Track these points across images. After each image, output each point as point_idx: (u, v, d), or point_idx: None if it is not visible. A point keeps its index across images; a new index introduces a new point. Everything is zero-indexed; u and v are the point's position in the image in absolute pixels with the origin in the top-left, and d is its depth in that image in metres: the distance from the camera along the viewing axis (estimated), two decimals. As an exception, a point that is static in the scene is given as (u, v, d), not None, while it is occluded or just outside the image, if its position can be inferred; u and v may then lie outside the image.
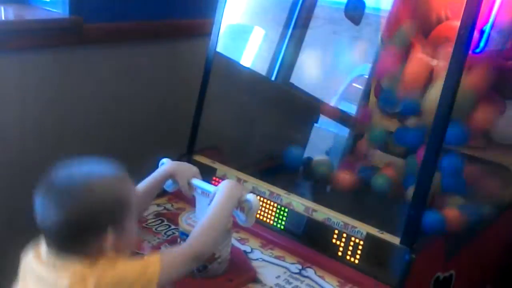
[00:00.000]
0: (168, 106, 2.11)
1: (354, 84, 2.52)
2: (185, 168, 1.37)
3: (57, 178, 1.02)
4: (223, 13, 1.72)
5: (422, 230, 1.32)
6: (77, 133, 1.89)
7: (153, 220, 1.56)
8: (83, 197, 0.99)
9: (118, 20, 1.90)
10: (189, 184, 1.35)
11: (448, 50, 1.34)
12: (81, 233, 0.99)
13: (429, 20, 1.90)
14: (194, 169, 1.38)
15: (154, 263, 1.04)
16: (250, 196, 1.26)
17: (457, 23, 1.26)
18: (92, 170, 1.04)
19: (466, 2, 1.22)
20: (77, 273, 0.98)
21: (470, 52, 1.73)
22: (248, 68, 2.25)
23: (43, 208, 1.00)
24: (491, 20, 1.76)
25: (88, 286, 0.97)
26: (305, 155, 1.98)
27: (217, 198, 1.22)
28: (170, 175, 1.36)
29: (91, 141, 1.92)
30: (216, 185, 1.29)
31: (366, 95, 2.15)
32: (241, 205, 1.25)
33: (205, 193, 1.31)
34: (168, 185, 1.38)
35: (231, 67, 2.04)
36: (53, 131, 1.83)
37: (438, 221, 1.51)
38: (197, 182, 1.34)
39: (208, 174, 1.58)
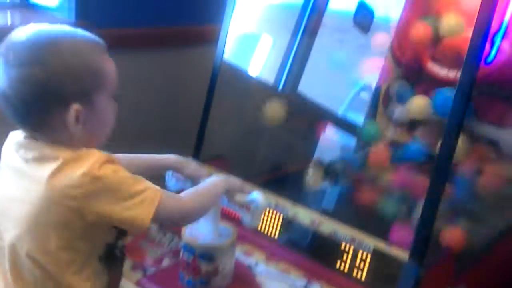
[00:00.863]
0: (174, 114, 2.09)
1: (362, 94, 2.50)
2: (194, 166, 1.31)
3: (19, 35, 0.92)
4: (230, 20, 1.70)
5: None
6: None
7: (156, 231, 1.54)
8: (47, 56, 0.90)
9: (125, 26, 1.88)
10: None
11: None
12: (42, 99, 0.90)
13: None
14: (203, 171, 1.33)
15: (154, 192, 0.98)
16: (256, 195, 1.23)
17: (469, 32, 1.23)
18: (65, 31, 0.95)
19: (479, 12, 1.20)
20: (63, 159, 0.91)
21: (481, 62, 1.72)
22: (255, 76, 2.23)
23: (1, 68, 0.90)
24: (502, 30, 1.73)
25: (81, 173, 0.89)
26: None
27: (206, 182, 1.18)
28: (174, 168, 1.29)
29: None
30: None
31: (374, 104, 2.12)
32: (247, 204, 1.22)
33: None
34: (172, 184, 1.35)
35: (238, 75, 2.02)
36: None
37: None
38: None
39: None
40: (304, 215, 1.45)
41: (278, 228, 1.49)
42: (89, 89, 0.94)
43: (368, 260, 1.32)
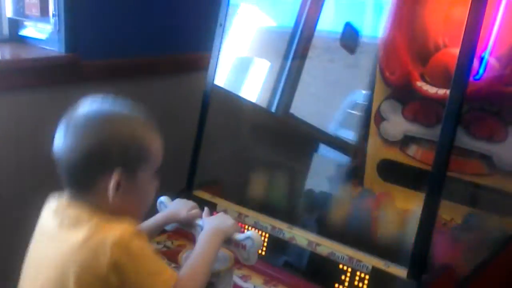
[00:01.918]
0: (167, 141, 2.08)
1: (351, 111, 2.52)
2: (182, 207, 1.33)
3: (79, 111, 1.02)
4: (220, 46, 1.72)
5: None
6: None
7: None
8: (99, 129, 0.98)
9: (115, 57, 1.90)
10: (192, 224, 1.31)
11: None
12: (89, 166, 0.97)
13: (426, 48, 1.89)
14: (190, 205, 1.34)
15: (172, 274, 1.00)
16: (251, 233, 1.23)
17: (456, 50, 1.25)
18: (118, 108, 1.04)
19: (465, 29, 1.22)
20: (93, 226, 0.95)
21: (470, 78, 1.75)
22: (248, 100, 2.24)
23: (61, 137, 1.00)
24: (489, 46, 1.75)
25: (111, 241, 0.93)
26: (307, 184, 1.96)
27: (201, 234, 1.19)
28: (173, 220, 1.32)
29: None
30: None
31: (365, 123, 2.14)
32: (242, 243, 1.22)
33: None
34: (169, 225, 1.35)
35: (230, 100, 2.04)
36: (49, 171, 1.80)
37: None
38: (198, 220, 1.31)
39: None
40: (301, 237, 1.45)
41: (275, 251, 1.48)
42: (133, 160, 1.01)
43: (366, 280, 1.32)
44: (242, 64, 2.24)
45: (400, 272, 1.29)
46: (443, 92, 1.77)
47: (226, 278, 1.27)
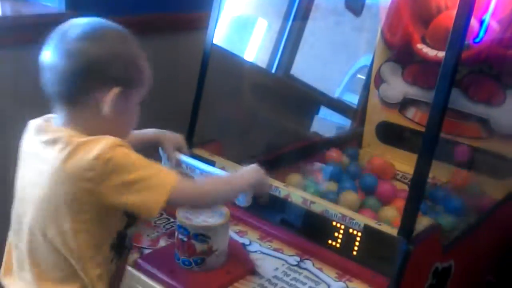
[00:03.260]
0: (166, 100, 2.10)
1: (358, 75, 2.52)
2: (171, 136, 1.33)
3: (74, 25, 0.99)
4: (220, 5, 1.71)
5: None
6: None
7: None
8: (100, 42, 0.96)
9: (114, 15, 1.87)
10: (177, 159, 1.31)
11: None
12: (86, 75, 0.95)
13: (429, 10, 1.88)
14: (179, 137, 1.34)
15: (170, 176, 0.98)
16: None
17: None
18: (113, 26, 1.02)
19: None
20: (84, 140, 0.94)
21: (470, 42, 1.74)
22: (248, 60, 2.24)
23: (55, 48, 0.97)
24: (490, 9, 1.74)
25: (95, 154, 0.91)
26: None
27: (237, 172, 1.19)
28: (156, 142, 1.31)
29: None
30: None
31: (367, 86, 2.14)
32: None
33: (204, 174, 1.31)
34: (166, 161, 1.37)
35: (230, 60, 2.04)
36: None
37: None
38: (197, 163, 1.33)
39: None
40: (296, 195, 1.48)
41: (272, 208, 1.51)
42: (131, 80, 1.00)
43: (359, 237, 1.35)
44: (242, 23, 2.23)
45: (391, 230, 1.32)
46: (442, 55, 1.76)
47: (222, 232, 1.31)
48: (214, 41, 1.72)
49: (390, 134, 2.06)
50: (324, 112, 2.30)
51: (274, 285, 1.29)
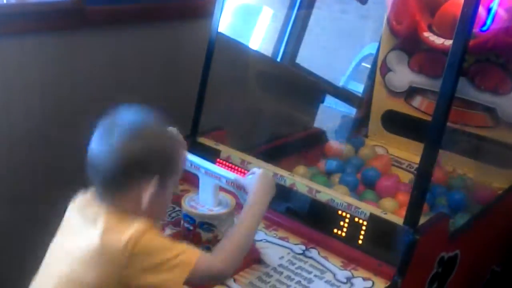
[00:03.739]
0: (171, 88, 2.10)
1: (363, 64, 2.51)
2: None
3: (120, 117, 1.05)
4: (226, -7, 1.70)
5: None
6: (79, 115, 1.89)
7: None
8: (143, 136, 1.02)
9: (120, 3, 1.89)
10: None
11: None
12: (130, 170, 1.01)
13: (435, -2, 1.87)
14: None
15: (193, 253, 1.03)
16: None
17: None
18: (154, 119, 1.07)
19: (470, -21, 1.20)
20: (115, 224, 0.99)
21: (477, 30, 1.73)
22: (253, 49, 2.23)
23: (100, 139, 1.03)
24: (498, -3, 1.73)
25: (126, 238, 0.97)
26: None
27: (252, 203, 1.19)
28: None
29: (94, 123, 1.92)
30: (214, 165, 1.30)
31: (372, 74, 2.13)
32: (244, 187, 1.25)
33: (209, 173, 1.32)
34: None
35: (235, 48, 2.03)
36: (55, 114, 1.83)
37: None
38: (203, 162, 1.34)
39: (212, 156, 1.58)
40: (302, 184, 1.47)
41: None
42: (168, 170, 1.06)
43: (364, 226, 1.35)
44: (247, 11, 2.22)
45: (397, 219, 1.32)
46: (449, 43, 1.75)
47: (227, 221, 1.31)
48: (219, 30, 1.72)
49: (396, 123, 2.05)
50: (330, 101, 2.29)
51: (279, 273, 1.29)
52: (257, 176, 1.24)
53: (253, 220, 1.17)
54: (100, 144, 1.03)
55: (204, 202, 1.33)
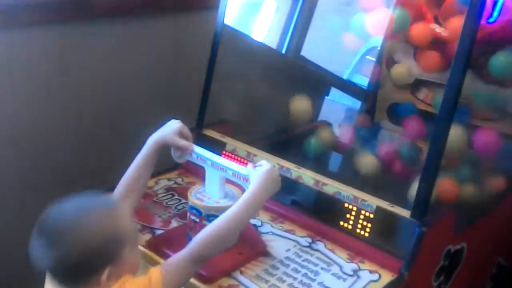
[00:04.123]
0: (177, 80, 2.10)
1: (367, 57, 2.49)
2: (169, 133, 1.34)
3: (47, 221, 1.01)
4: (231, -15, 1.69)
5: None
6: (85, 106, 1.90)
7: (164, 194, 1.57)
8: (71, 242, 0.98)
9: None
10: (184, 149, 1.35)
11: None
12: (77, 274, 1.00)
13: (442, -11, 1.86)
14: (175, 125, 1.35)
15: (156, 274, 1.05)
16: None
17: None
18: (81, 211, 1.02)
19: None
20: None
21: (483, 21, 1.72)
22: (258, 41, 2.22)
23: (38, 251, 0.99)
24: (505, -12, 1.71)
25: None
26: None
27: (247, 194, 1.19)
28: (161, 148, 1.33)
29: (99, 116, 1.92)
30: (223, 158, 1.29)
31: (378, 67, 2.12)
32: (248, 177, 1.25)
33: (215, 165, 1.32)
34: (177, 156, 1.38)
35: (240, 40, 2.02)
36: (61, 105, 1.83)
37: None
38: (209, 154, 1.34)
39: (217, 149, 1.57)
40: (308, 177, 1.47)
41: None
42: (114, 252, 1.02)
43: (371, 218, 1.35)
44: (252, 3, 2.21)
45: (404, 212, 1.32)
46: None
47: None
48: (225, 21, 1.71)
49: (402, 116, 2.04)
50: (335, 93, 2.28)
51: (286, 266, 1.29)
52: (261, 170, 1.23)
53: (243, 212, 1.17)
54: (37, 254, 0.99)
55: (210, 194, 1.33)
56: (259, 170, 1.24)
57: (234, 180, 1.29)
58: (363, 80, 2.34)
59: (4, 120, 1.72)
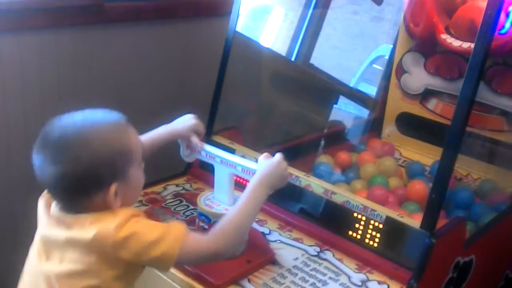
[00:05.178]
0: (187, 86, 2.10)
1: (374, 65, 2.50)
2: (184, 127, 1.35)
3: (51, 132, 0.99)
4: (243, -8, 1.69)
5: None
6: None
7: (172, 200, 1.57)
8: (78, 152, 0.96)
9: (138, 0, 1.89)
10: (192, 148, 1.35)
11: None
12: (82, 188, 0.97)
13: (453, 0, 1.85)
14: (191, 121, 1.36)
15: (178, 230, 1.01)
16: None
17: (482, 3, 1.23)
18: (87, 121, 1.00)
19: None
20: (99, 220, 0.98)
21: (496, 33, 1.71)
22: (268, 48, 2.23)
23: (40, 164, 0.97)
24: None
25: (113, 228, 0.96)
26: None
27: (252, 183, 1.17)
28: (172, 140, 1.33)
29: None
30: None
31: (387, 76, 2.12)
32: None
33: (224, 161, 1.31)
34: (186, 154, 1.38)
35: (251, 47, 2.02)
36: (72, 108, 1.83)
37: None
38: (217, 151, 1.33)
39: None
40: (317, 185, 1.47)
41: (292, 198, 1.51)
42: (122, 168, 1.00)
43: (380, 229, 1.34)
44: (263, 11, 2.22)
45: (414, 222, 1.31)
46: (467, 45, 1.74)
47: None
48: (237, 28, 1.71)
49: (411, 125, 2.04)
50: (343, 102, 2.28)
51: (294, 275, 1.29)
52: (270, 161, 1.22)
53: (250, 202, 1.15)
54: (41, 168, 0.98)
55: (219, 200, 1.32)
56: (268, 160, 1.22)
57: (244, 176, 1.28)
58: (368, 89, 2.35)
59: (16, 122, 1.72)
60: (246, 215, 1.14)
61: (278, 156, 1.24)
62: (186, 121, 1.36)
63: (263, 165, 1.22)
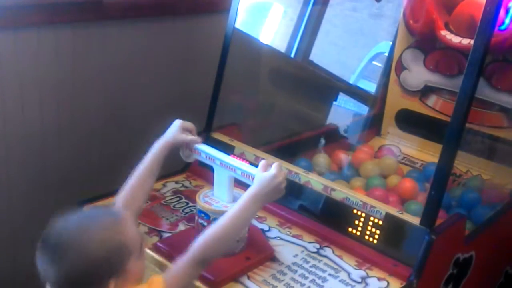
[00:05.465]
0: (186, 83, 2.10)
1: (374, 62, 2.49)
2: (174, 134, 1.34)
3: (48, 237, 1.00)
4: (242, -11, 1.69)
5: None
6: (95, 107, 1.89)
7: (171, 197, 1.56)
8: (73, 258, 0.97)
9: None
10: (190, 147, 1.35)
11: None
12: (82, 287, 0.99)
13: (452, -4, 1.85)
14: (177, 124, 1.35)
15: (157, 283, 1.05)
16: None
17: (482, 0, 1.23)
18: (81, 225, 1.02)
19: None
20: None
21: (495, 29, 1.71)
22: (267, 45, 2.22)
23: (41, 265, 0.99)
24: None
25: None
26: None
27: (245, 198, 1.18)
28: (168, 149, 1.32)
29: (108, 118, 1.92)
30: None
31: (386, 73, 2.12)
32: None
33: (224, 164, 1.31)
34: (186, 156, 1.38)
35: (250, 44, 2.02)
36: (70, 106, 1.83)
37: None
38: (216, 153, 1.33)
39: (226, 152, 1.55)
40: (316, 182, 1.46)
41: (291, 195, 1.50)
42: (119, 264, 1.01)
43: (380, 225, 1.34)
44: (262, 7, 2.21)
45: (413, 219, 1.31)
46: (467, 42, 1.74)
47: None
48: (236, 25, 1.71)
49: (410, 122, 2.04)
50: (343, 99, 2.27)
51: (293, 271, 1.28)
52: (266, 174, 1.20)
53: (242, 214, 1.16)
54: (42, 268, 0.99)
55: (218, 197, 1.32)
56: (264, 174, 1.21)
57: (243, 180, 1.28)
58: (367, 85, 2.35)
59: (14, 119, 1.72)
60: (232, 229, 1.16)
61: (275, 169, 1.21)
62: (173, 128, 1.35)
63: (259, 180, 1.20)
